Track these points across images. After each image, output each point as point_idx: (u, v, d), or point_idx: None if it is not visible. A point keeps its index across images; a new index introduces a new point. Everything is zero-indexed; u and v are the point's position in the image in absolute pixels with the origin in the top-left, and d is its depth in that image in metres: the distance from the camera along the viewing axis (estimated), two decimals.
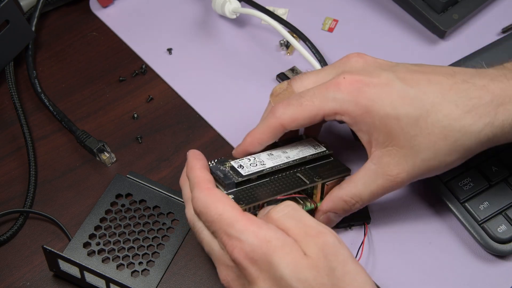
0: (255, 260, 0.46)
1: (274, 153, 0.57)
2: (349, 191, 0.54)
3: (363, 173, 0.53)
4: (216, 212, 0.49)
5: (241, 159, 0.56)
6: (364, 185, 0.53)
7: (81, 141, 0.63)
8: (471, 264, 0.57)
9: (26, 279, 0.57)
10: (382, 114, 0.51)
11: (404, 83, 0.51)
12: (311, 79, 0.56)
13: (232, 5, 0.69)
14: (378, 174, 0.52)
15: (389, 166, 0.52)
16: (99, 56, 0.71)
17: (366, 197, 0.54)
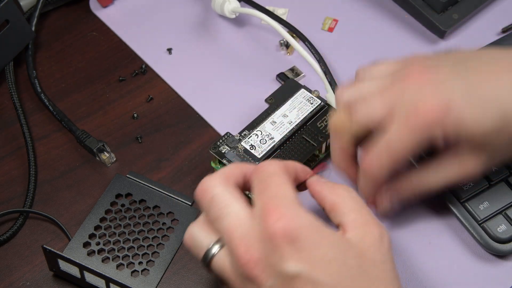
0: (298, 239, 0.43)
1: (276, 119, 0.60)
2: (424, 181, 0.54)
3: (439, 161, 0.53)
4: (278, 181, 0.47)
5: (249, 136, 0.59)
6: (437, 173, 0.53)
7: (81, 141, 0.63)
8: (471, 264, 0.57)
9: (26, 279, 0.57)
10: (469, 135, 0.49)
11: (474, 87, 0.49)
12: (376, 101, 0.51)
13: (231, 4, 0.69)
14: (455, 164, 0.52)
15: (468, 162, 0.51)
16: (99, 56, 0.71)
17: (434, 185, 0.54)
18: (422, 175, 0.54)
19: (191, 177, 0.62)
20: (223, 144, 0.59)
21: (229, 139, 0.59)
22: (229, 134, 0.60)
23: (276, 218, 0.44)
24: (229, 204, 0.46)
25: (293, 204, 0.45)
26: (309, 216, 0.45)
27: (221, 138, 0.60)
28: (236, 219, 0.46)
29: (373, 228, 0.46)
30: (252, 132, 0.60)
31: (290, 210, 0.44)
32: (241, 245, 0.45)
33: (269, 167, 0.48)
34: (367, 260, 0.45)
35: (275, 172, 0.47)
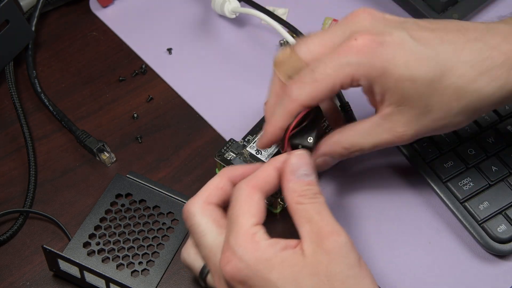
0: (247, 279, 0.45)
1: None
2: (351, 140, 0.52)
3: (369, 125, 0.52)
4: (233, 214, 0.47)
5: (253, 141, 0.59)
6: (368, 137, 0.52)
7: (81, 141, 0.63)
8: (471, 264, 0.57)
9: (26, 279, 0.57)
10: (397, 76, 0.49)
11: (417, 42, 0.49)
12: (316, 42, 0.52)
13: (231, 4, 0.69)
14: (384, 129, 0.51)
15: (398, 123, 0.51)
16: (99, 56, 0.71)
17: (367, 148, 0.52)
18: (350, 133, 0.53)
19: (191, 177, 0.62)
20: (228, 151, 0.59)
21: (234, 145, 0.59)
22: (233, 141, 0.60)
23: (225, 263, 0.45)
24: (204, 234, 0.48)
25: (243, 240, 0.45)
26: (258, 248, 0.45)
27: (225, 145, 0.59)
28: (210, 249, 0.48)
29: (326, 238, 0.45)
30: (257, 137, 0.60)
31: (238, 250, 0.45)
32: (214, 275, 0.48)
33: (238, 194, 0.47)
34: (322, 275, 0.44)
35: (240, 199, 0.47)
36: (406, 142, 0.52)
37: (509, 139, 0.60)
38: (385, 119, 0.51)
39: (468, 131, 0.60)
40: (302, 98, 0.51)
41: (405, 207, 0.60)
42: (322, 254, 0.44)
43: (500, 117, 0.61)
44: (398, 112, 0.50)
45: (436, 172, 0.59)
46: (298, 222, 0.46)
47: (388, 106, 0.51)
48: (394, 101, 0.50)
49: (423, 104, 0.50)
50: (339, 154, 0.53)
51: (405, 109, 0.50)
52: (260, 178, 0.48)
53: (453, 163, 0.59)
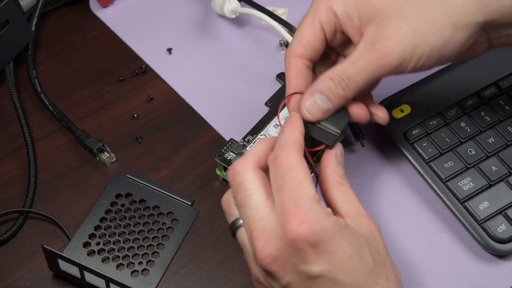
0: (320, 242, 0.44)
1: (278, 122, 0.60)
2: (335, 69, 0.50)
3: (353, 52, 0.50)
4: (298, 176, 0.45)
5: (253, 141, 0.59)
6: (352, 61, 0.50)
7: (81, 141, 0.63)
8: (471, 264, 0.57)
9: (26, 279, 0.57)
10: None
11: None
12: None
13: (231, 4, 0.69)
14: (365, 49, 0.49)
15: (376, 38, 0.49)
16: (99, 56, 0.71)
17: (351, 74, 0.49)
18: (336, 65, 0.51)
19: (191, 177, 0.62)
20: (228, 151, 0.59)
21: (234, 145, 0.59)
22: (233, 141, 0.60)
23: (297, 224, 0.43)
24: (253, 194, 0.46)
25: (312, 205, 0.45)
26: (328, 217, 0.45)
27: (225, 145, 0.59)
28: (256, 211, 0.46)
29: (367, 219, 0.47)
30: (257, 137, 0.60)
31: (310, 213, 0.44)
32: (260, 239, 0.45)
33: (287, 159, 0.46)
34: (373, 248, 0.46)
35: (293, 165, 0.46)
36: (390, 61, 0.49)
37: (509, 139, 0.60)
38: (365, 40, 0.49)
39: (468, 131, 0.60)
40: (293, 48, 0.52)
41: (405, 207, 0.60)
42: (367, 231, 0.46)
43: (500, 117, 0.61)
44: (375, 27, 0.49)
45: (436, 172, 0.59)
46: (338, 200, 0.47)
47: (366, 27, 0.49)
48: (368, 16, 0.49)
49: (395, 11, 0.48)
50: (326, 87, 0.50)
51: (383, 23, 0.49)
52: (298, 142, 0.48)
53: (453, 163, 0.59)
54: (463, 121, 0.61)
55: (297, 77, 0.52)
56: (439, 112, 0.61)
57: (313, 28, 0.52)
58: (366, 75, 0.49)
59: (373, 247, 0.46)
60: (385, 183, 0.61)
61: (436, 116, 0.61)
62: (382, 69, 0.49)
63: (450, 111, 0.61)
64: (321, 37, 0.52)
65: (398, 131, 0.61)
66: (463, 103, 0.62)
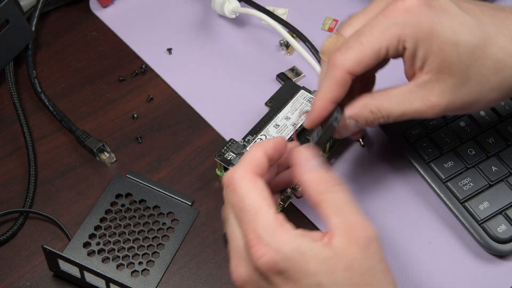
0: (284, 270, 0.43)
1: (278, 122, 0.60)
2: (380, 104, 0.50)
3: (402, 91, 0.50)
4: (253, 204, 0.44)
5: (253, 141, 0.58)
6: (398, 103, 0.49)
7: (81, 141, 0.63)
8: (471, 264, 0.57)
9: (26, 279, 0.57)
10: (442, 39, 0.48)
11: (462, 9, 0.49)
12: (361, 19, 0.51)
13: (231, 4, 0.69)
14: (417, 97, 0.49)
15: (432, 91, 0.49)
16: (99, 56, 0.71)
17: (394, 115, 0.50)
18: (381, 98, 0.50)
19: (191, 177, 0.62)
20: (228, 151, 0.59)
21: (234, 145, 0.59)
22: (233, 141, 0.59)
23: (259, 255, 0.43)
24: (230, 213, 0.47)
25: (274, 233, 0.43)
26: (292, 240, 0.43)
27: (225, 145, 0.59)
28: (232, 232, 0.46)
29: (359, 232, 0.44)
30: (257, 137, 0.59)
31: (272, 243, 0.43)
32: (232, 259, 0.46)
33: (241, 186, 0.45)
34: (356, 270, 0.43)
35: (246, 193, 0.45)
36: (434, 115, 0.50)
37: (509, 139, 0.60)
38: (420, 86, 0.49)
39: (468, 131, 0.60)
40: (347, 63, 0.49)
41: (405, 207, 0.60)
42: (355, 249, 0.43)
43: (500, 117, 0.61)
44: (435, 79, 0.49)
45: (436, 172, 0.59)
46: (325, 214, 0.45)
47: (426, 73, 0.49)
48: (435, 66, 0.49)
49: (462, 74, 0.48)
50: (364, 118, 0.51)
51: (443, 77, 0.49)
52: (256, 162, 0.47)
53: (453, 163, 0.59)
54: (463, 121, 0.61)
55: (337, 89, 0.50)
56: None
57: (376, 53, 0.49)
58: (406, 118, 0.50)
59: (357, 269, 0.43)
60: (385, 183, 0.61)
61: None
62: (423, 117, 0.50)
63: None
64: (378, 61, 0.50)
65: (398, 131, 0.61)
66: None
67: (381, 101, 0.50)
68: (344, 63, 0.49)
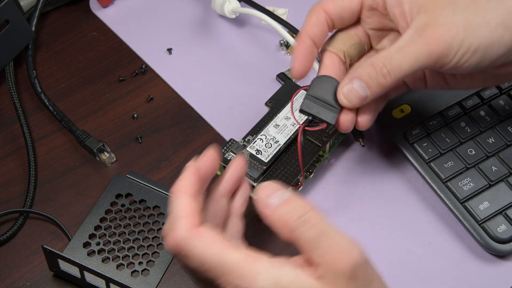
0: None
1: (278, 122, 0.60)
2: (379, 55, 0.48)
3: (399, 39, 0.48)
4: (216, 261, 0.41)
5: (253, 141, 0.59)
6: (397, 47, 0.48)
7: (81, 141, 0.63)
8: (471, 264, 0.57)
9: (26, 279, 0.57)
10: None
11: None
12: None
13: (231, 4, 0.69)
14: (413, 35, 0.47)
15: (427, 25, 0.47)
16: (99, 56, 0.71)
17: (395, 60, 0.47)
18: (380, 52, 0.49)
19: None
20: (228, 151, 0.59)
21: (234, 145, 0.59)
22: (233, 141, 0.59)
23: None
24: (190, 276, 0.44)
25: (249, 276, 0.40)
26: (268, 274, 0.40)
27: (225, 145, 0.59)
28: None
29: (342, 263, 0.40)
30: (257, 137, 0.59)
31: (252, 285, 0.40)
32: None
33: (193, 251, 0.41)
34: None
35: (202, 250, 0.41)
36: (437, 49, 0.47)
37: (509, 139, 0.60)
38: (414, 28, 0.47)
39: (468, 131, 0.60)
40: (324, 2, 0.49)
41: (405, 207, 0.60)
42: (343, 282, 0.40)
43: (500, 117, 0.61)
44: (426, 16, 0.47)
45: (436, 172, 0.59)
46: (304, 251, 0.41)
47: (417, 15, 0.48)
48: (421, 4, 0.47)
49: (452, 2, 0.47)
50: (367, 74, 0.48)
51: (432, 10, 0.47)
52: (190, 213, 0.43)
53: (453, 163, 0.59)
54: (463, 121, 0.61)
55: (314, 26, 0.50)
56: (439, 112, 0.61)
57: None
58: (412, 61, 0.47)
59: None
60: (385, 183, 0.61)
61: (436, 116, 0.61)
62: (429, 57, 0.47)
63: (450, 111, 0.61)
64: (356, 8, 0.49)
65: (398, 131, 0.61)
66: (463, 103, 0.62)
67: (380, 53, 0.48)
68: (321, 2, 0.50)
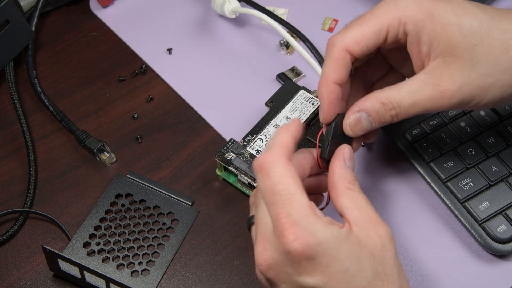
0: (315, 255, 0.43)
1: (278, 122, 0.60)
2: (390, 95, 0.49)
3: (411, 81, 0.49)
4: (287, 189, 0.45)
5: (253, 141, 0.58)
6: (409, 92, 0.49)
7: (81, 141, 0.63)
8: (471, 264, 0.57)
9: (26, 279, 0.57)
10: (445, 20, 0.48)
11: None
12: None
13: (231, 5, 0.69)
14: (427, 83, 0.49)
15: (441, 77, 0.48)
16: (99, 56, 0.71)
17: (405, 105, 0.49)
18: (391, 90, 0.50)
19: (191, 177, 0.62)
20: (228, 151, 0.59)
21: (234, 145, 0.59)
22: (233, 141, 0.60)
23: (292, 239, 0.43)
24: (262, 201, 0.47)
25: (308, 218, 0.44)
26: (325, 229, 0.44)
27: (225, 145, 0.59)
28: (263, 215, 0.46)
29: (377, 226, 0.46)
30: (257, 137, 0.60)
31: (305, 227, 0.44)
32: (259, 244, 0.46)
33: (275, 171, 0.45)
34: (377, 259, 0.45)
35: (282, 177, 0.45)
36: (448, 104, 0.49)
37: (509, 139, 0.60)
38: (429, 73, 0.49)
39: (468, 131, 0.60)
40: (346, 41, 0.49)
41: (405, 207, 0.60)
42: (374, 239, 0.45)
43: (500, 117, 0.61)
44: (444, 64, 0.48)
45: (436, 172, 0.59)
46: (347, 206, 0.46)
47: (434, 59, 0.49)
48: (441, 49, 0.48)
49: (470, 54, 0.48)
50: (375, 110, 0.50)
51: (450, 60, 0.48)
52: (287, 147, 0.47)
53: (453, 163, 0.59)
54: (463, 121, 0.61)
55: (338, 70, 0.50)
56: (439, 112, 0.61)
57: (376, 33, 0.49)
58: (419, 110, 0.49)
59: (378, 258, 0.45)
60: (385, 183, 0.61)
61: (436, 116, 0.61)
62: (437, 108, 0.49)
63: (450, 111, 0.61)
64: (379, 43, 0.50)
65: (398, 131, 0.61)
66: None
67: (391, 92, 0.50)
68: (343, 41, 0.49)
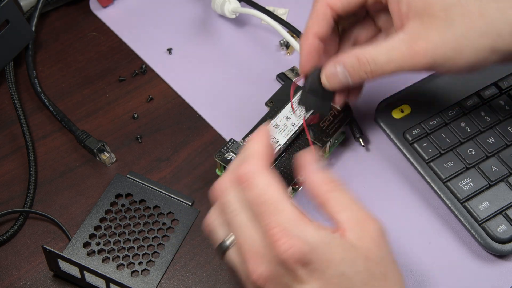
0: (311, 262, 0.43)
1: (278, 122, 0.59)
2: (366, 51, 0.50)
3: (390, 39, 0.50)
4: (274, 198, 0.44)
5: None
6: (385, 49, 0.50)
7: (81, 141, 0.63)
8: (471, 264, 0.57)
9: (26, 279, 0.57)
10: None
11: None
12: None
13: (231, 5, 0.69)
14: (403, 41, 0.49)
15: (418, 35, 0.49)
16: (99, 56, 0.71)
17: (380, 62, 0.50)
18: (368, 47, 0.51)
19: (191, 177, 0.62)
20: (228, 151, 0.59)
21: (234, 145, 0.59)
22: (233, 141, 0.59)
23: (287, 248, 0.43)
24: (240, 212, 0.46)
25: (298, 225, 0.44)
26: (318, 233, 0.44)
27: (226, 145, 0.59)
28: (244, 232, 0.45)
29: (369, 225, 0.45)
30: None
31: (298, 235, 0.43)
32: (250, 260, 0.45)
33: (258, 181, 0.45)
34: (372, 260, 0.44)
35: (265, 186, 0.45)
36: (423, 64, 0.49)
37: (509, 139, 0.60)
38: (406, 33, 0.49)
39: (468, 131, 0.60)
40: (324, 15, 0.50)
41: (405, 207, 0.60)
42: (368, 240, 0.45)
43: (500, 117, 0.61)
44: (421, 24, 0.49)
45: (436, 172, 0.59)
46: (333, 211, 0.45)
47: (412, 19, 0.49)
48: (418, 9, 0.49)
49: (446, 14, 0.48)
50: (350, 65, 0.51)
51: (428, 21, 0.48)
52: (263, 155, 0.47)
53: (453, 163, 0.59)
54: (463, 121, 0.61)
55: (320, 23, 0.51)
56: (439, 112, 0.61)
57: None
58: (394, 67, 0.49)
59: (373, 259, 0.44)
60: (385, 183, 0.61)
61: (436, 116, 0.61)
62: (411, 67, 0.49)
63: (450, 111, 0.61)
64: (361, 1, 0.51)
65: (398, 131, 0.61)
66: (463, 103, 0.62)
67: (368, 49, 0.50)
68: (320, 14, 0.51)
